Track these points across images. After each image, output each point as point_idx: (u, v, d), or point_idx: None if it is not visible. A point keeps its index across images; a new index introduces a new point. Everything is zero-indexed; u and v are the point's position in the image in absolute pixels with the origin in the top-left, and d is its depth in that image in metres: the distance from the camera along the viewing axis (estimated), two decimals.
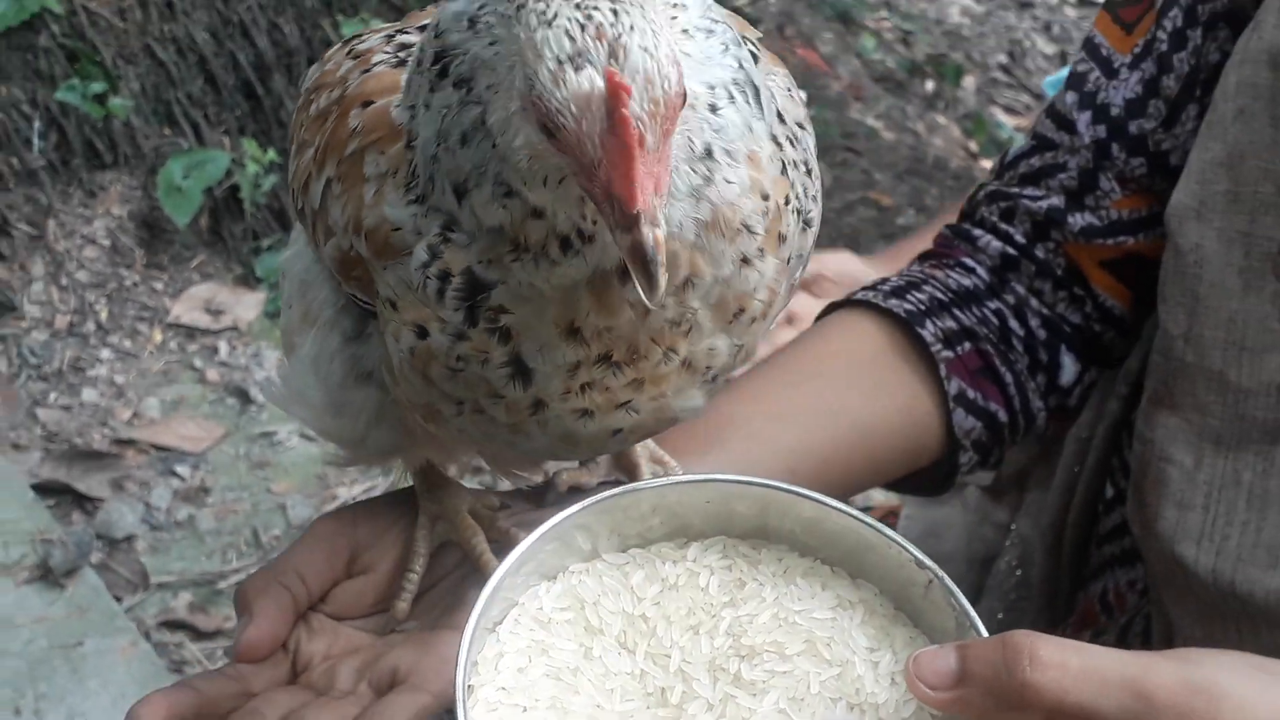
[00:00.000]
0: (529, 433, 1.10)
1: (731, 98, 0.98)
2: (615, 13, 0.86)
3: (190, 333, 3.98)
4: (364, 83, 1.10)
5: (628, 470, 1.33)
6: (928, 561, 1.01)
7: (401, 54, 1.11)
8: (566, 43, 0.86)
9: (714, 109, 0.97)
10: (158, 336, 3.96)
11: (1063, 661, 0.92)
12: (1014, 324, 1.61)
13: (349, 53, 1.16)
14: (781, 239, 1.04)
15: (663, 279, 0.87)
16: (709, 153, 0.96)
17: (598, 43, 0.86)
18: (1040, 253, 1.60)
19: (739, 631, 1.02)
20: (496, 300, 1.01)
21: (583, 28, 0.86)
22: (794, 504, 1.06)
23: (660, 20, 0.88)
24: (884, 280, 1.65)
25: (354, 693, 1.22)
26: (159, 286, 4.08)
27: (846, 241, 4.93)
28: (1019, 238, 1.62)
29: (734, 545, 1.08)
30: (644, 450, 1.34)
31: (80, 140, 4.17)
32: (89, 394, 3.78)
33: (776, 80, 1.10)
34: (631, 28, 0.86)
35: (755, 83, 1.01)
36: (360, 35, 1.18)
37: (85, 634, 2.86)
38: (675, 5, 0.97)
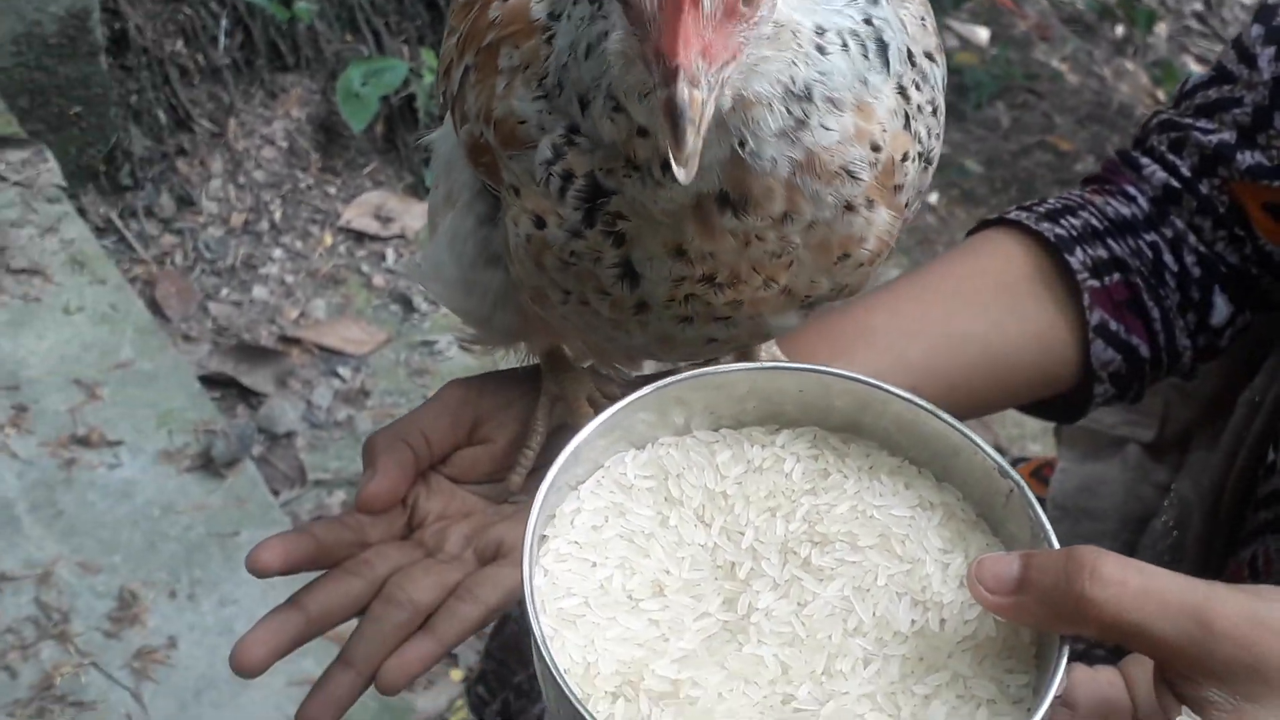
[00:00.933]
0: (629, 330, 1.15)
1: (844, 46, 0.99)
2: None
3: (359, 238, 4.04)
4: None
5: None
6: (1010, 471, 1.02)
7: None
8: None
9: (821, 50, 0.98)
10: (328, 240, 4.03)
11: (1123, 579, 0.91)
12: (1168, 258, 1.57)
13: None
14: (898, 189, 1.06)
15: (691, 139, 0.87)
16: (809, 94, 0.98)
17: None
18: (1204, 188, 1.56)
19: (815, 519, 1.04)
20: (615, 206, 1.05)
21: None
22: (888, 402, 1.06)
23: None
24: (1041, 201, 1.63)
25: (460, 558, 1.29)
26: (332, 190, 4.15)
27: (1020, 186, 4.83)
28: (1185, 170, 1.57)
29: (824, 437, 1.10)
30: (767, 354, 1.37)
31: (265, 41, 4.24)
32: (259, 291, 3.86)
33: (910, 9, 1.10)
34: None
35: (884, 39, 1.02)
36: None
37: (242, 524, 2.93)
38: None
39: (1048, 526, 0.99)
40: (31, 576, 2.79)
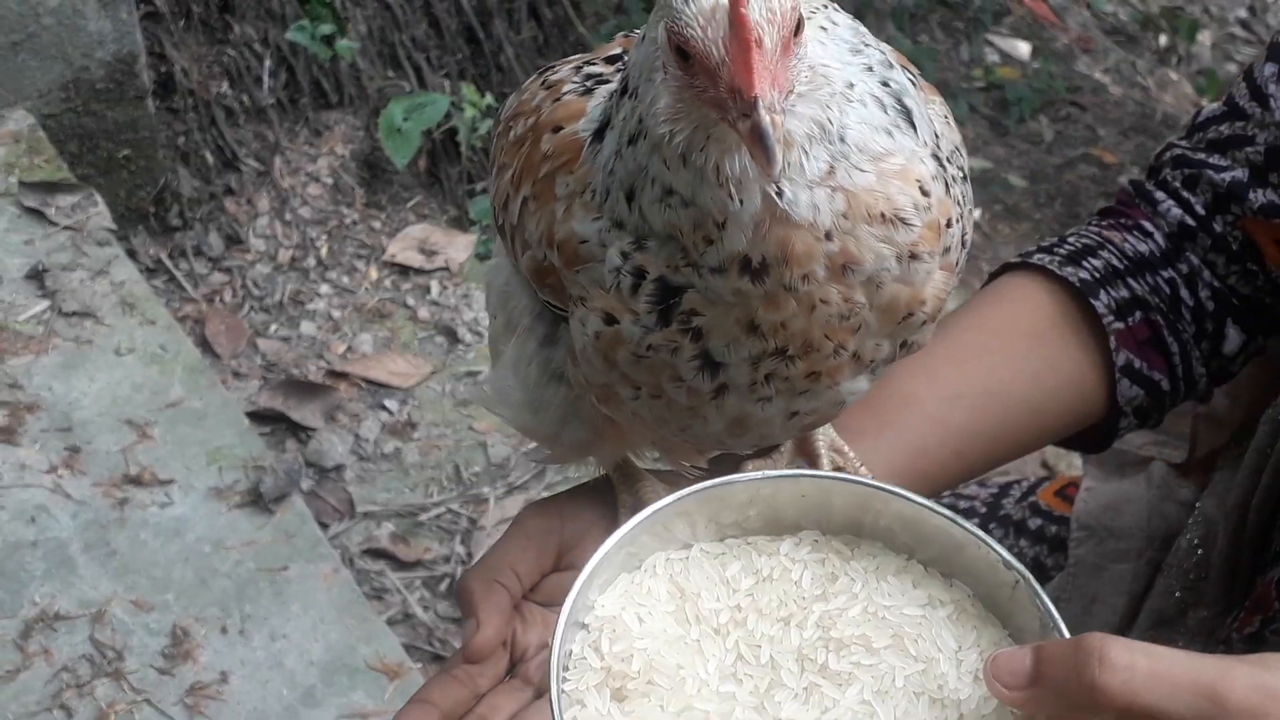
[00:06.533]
0: (706, 417, 1.17)
1: (866, 102, 1.04)
2: None
3: (404, 271, 4.08)
4: (555, 110, 1.19)
5: (810, 458, 1.38)
6: (1014, 562, 1.04)
7: (589, 83, 1.19)
8: None
9: (847, 100, 1.03)
10: (373, 274, 4.07)
11: (1131, 663, 0.93)
12: (1185, 293, 1.60)
13: (543, 83, 1.25)
14: (946, 250, 1.10)
15: (779, 155, 0.94)
16: (842, 138, 1.03)
17: None
18: (1218, 226, 1.58)
19: (828, 624, 1.06)
20: (688, 304, 1.09)
21: None
22: (889, 501, 1.09)
23: None
24: (1061, 241, 1.65)
25: None
26: (377, 225, 4.20)
27: (1065, 199, 4.81)
28: (1199, 208, 1.60)
29: (827, 540, 1.12)
30: (824, 439, 1.39)
31: (308, 80, 4.30)
32: (307, 327, 3.91)
33: (934, 108, 1.15)
34: None
35: (907, 105, 1.07)
36: (553, 66, 1.27)
37: (291, 559, 2.97)
38: (821, 18, 1.05)
39: (1056, 616, 1.01)
40: (86, 615, 2.85)
